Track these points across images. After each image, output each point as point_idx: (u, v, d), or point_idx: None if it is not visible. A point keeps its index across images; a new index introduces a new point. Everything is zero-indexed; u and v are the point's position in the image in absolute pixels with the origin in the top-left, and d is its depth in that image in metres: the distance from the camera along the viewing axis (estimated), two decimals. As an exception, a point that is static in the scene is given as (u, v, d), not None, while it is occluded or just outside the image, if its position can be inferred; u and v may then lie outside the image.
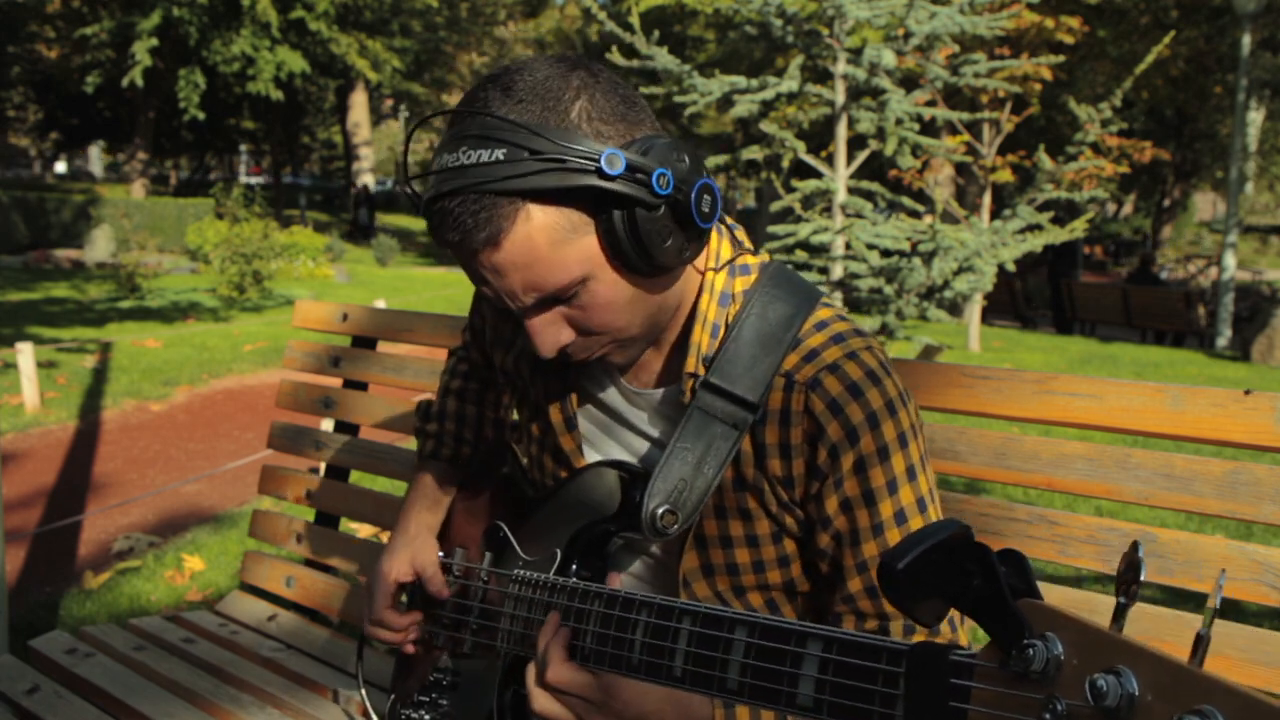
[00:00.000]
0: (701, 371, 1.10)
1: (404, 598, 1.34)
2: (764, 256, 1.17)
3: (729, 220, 1.16)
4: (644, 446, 1.18)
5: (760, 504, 1.10)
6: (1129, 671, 0.55)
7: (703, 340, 1.10)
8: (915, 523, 1.06)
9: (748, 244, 1.16)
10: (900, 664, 0.72)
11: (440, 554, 1.32)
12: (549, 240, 0.96)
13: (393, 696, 1.39)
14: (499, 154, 0.93)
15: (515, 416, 1.38)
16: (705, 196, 1.00)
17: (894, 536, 1.06)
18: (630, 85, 1.04)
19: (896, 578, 0.63)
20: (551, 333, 1.04)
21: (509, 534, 1.24)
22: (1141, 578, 0.57)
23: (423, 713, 1.30)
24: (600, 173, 0.94)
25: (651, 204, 0.97)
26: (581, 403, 1.22)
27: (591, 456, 1.21)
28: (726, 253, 1.13)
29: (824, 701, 0.77)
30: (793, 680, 0.80)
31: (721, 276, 1.12)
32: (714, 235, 1.13)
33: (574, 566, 1.14)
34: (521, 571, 1.17)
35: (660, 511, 1.07)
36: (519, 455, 1.36)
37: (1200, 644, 0.54)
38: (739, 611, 0.87)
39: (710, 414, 1.08)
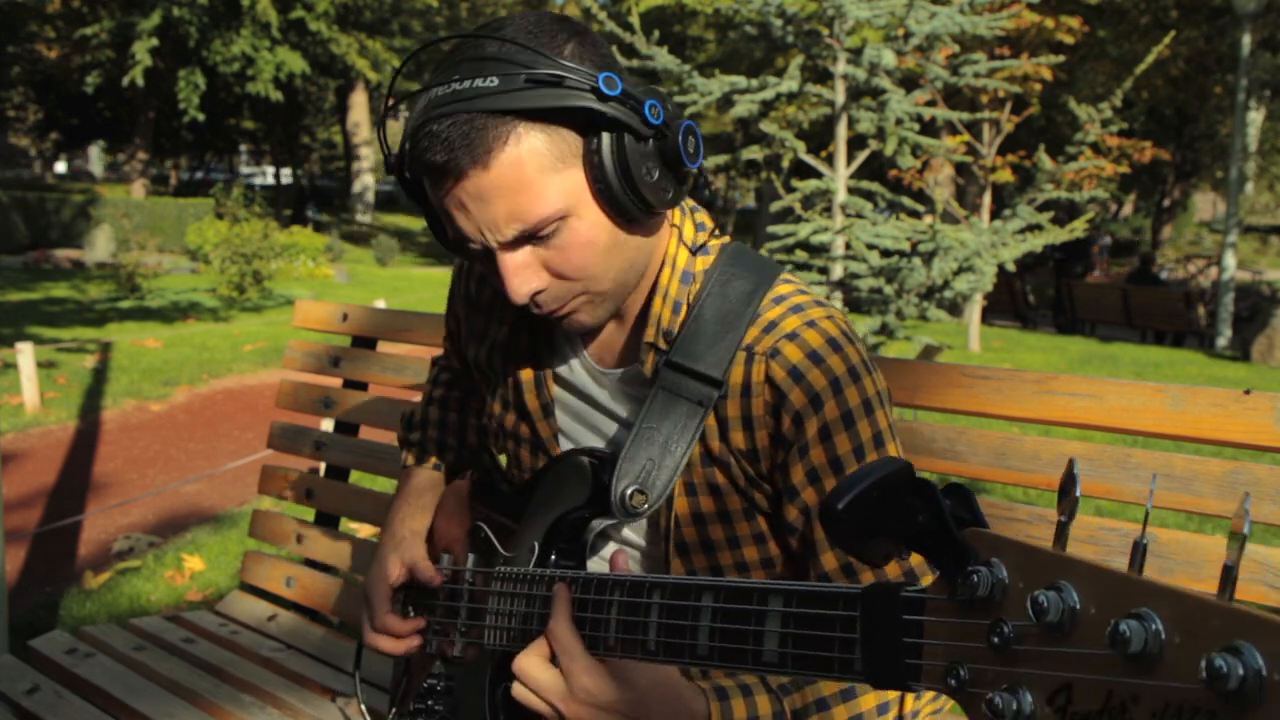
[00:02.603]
0: (662, 344, 1.09)
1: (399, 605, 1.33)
2: (725, 239, 1.16)
3: (691, 203, 1.17)
4: (613, 428, 1.18)
5: (729, 478, 1.10)
6: (1069, 585, 0.56)
7: (663, 313, 1.10)
8: None
9: (710, 225, 1.16)
10: (856, 608, 0.72)
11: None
12: (537, 166, 0.96)
13: (393, 711, 1.39)
14: (493, 79, 0.94)
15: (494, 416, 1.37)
16: (690, 137, 1.02)
17: None
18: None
19: (837, 517, 0.63)
20: (525, 274, 1.02)
21: (490, 534, 1.24)
22: (1078, 494, 0.58)
23: (420, 719, 1.30)
24: (597, 92, 0.95)
25: (641, 133, 0.98)
26: (554, 388, 1.22)
27: (566, 445, 1.21)
28: (689, 232, 1.13)
29: (788, 655, 0.77)
30: (758, 638, 0.80)
31: (684, 253, 1.12)
32: (678, 213, 1.14)
33: (552, 557, 1.14)
34: (503, 568, 1.17)
35: (629, 492, 1.06)
36: (496, 456, 1.36)
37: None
38: (704, 578, 0.87)
39: (675, 393, 1.08)
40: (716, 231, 1.16)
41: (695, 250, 1.12)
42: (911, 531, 0.63)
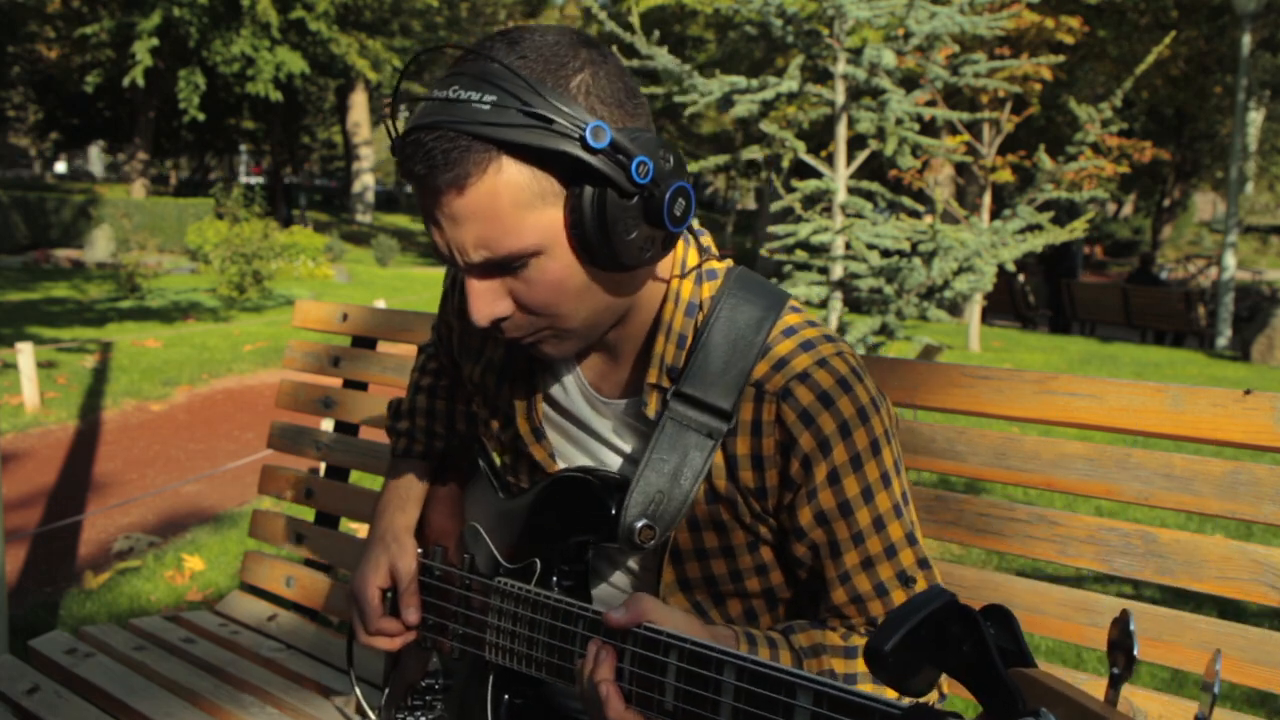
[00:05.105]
0: (666, 383, 1.08)
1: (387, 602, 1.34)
2: (728, 262, 1.14)
3: (695, 225, 1.15)
4: (613, 458, 1.16)
5: (734, 515, 1.09)
6: None
7: (667, 351, 1.08)
8: (893, 528, 1.06)
9: (714, 250, 1.14)
10: None
11: (419, 551, 1.32)
12: (513, 200, 0.94)
13: (386, 693, 1.39)
14: (488, 98, 0.91)
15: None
16: (680, 200, 0.97)
17: (874, 544, 1.05)
18: (636, 81, 1.02)
19: (883, 660, 0.62)
20: (489, 299, 1.00)
21: (486, 537, 1.23)
22: (1135, 651, 0.56)
23: (418, 714, 1.30)
24: (583, 142, 0.92)
25: (626, 190, 0.94)
26: (548, 411, 1.20)
27: (562, 465, 1.19)
28: (693, 259, 1.11)
29: None
30: None
31: (688, 284, 1.09)
32: (679, 243, 1.11)
33: (554, 579, 1.13)
34: (503, 580, 1.16)
35: (639, 526, 1.05)
36: (492, 453, 1.35)
37: None
38: (723, 650, 0.85)
39: (684, 424, 1.06)
40: (719, 256, 1.14)
41: (700, 278, 1.10)
42: (956, 663, 0.61)
